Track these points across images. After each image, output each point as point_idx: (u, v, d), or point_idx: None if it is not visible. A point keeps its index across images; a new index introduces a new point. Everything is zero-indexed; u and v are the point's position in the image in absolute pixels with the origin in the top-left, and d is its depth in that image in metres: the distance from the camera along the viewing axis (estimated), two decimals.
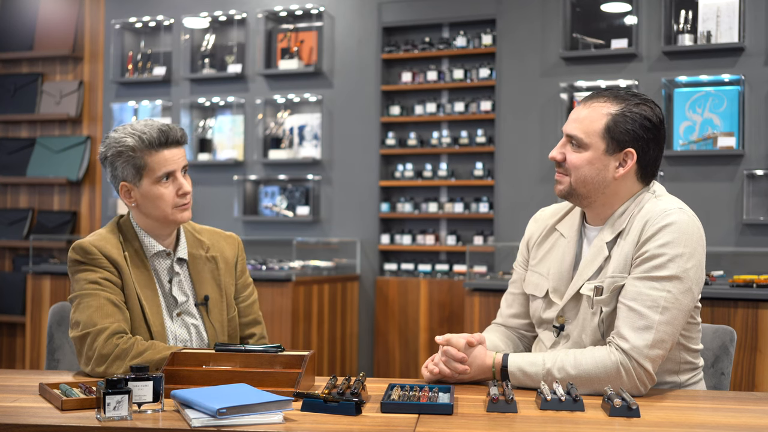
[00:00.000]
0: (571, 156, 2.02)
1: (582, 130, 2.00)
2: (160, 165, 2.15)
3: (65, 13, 6.14)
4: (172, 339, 2.19)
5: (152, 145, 2.14)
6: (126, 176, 2.17)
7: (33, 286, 5.13)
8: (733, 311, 3.55)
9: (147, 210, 2.19)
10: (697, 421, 1.64)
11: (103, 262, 2.13)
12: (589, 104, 2.03)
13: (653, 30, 4.75)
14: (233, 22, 5.76)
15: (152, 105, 5.94)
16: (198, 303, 2.24)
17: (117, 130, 2.19)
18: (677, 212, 1.94)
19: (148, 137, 2.14)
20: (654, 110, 2.01)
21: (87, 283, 2.11)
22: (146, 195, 2.17)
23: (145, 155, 2.15)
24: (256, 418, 1.57)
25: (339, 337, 5.15)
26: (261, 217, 5.61)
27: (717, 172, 4.60)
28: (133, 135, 2.15)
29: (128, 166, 2.16)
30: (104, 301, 2.08)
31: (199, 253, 2.29)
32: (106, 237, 2.19)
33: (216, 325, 2.25)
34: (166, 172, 2.16)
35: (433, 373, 1.97)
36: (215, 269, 2.29)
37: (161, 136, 2.15)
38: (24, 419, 1.60)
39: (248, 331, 2.36)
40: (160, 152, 2.15)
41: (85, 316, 2.06)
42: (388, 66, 5.45)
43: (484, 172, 5.18)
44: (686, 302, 1.91)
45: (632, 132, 1.98)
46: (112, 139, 2.18)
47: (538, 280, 2.13)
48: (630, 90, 2.07)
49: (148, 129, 2.16)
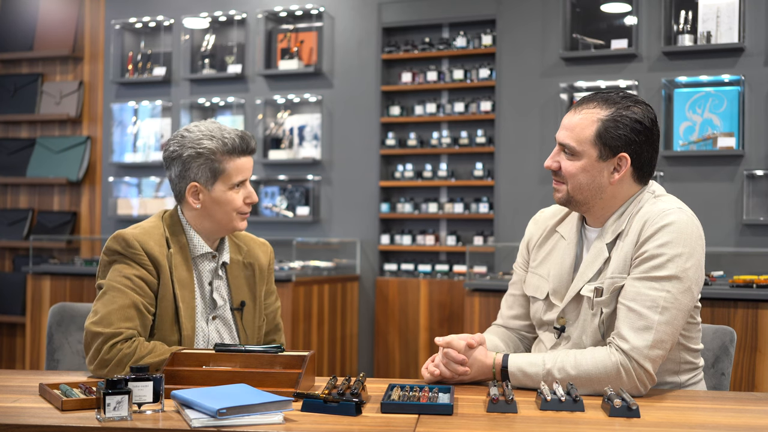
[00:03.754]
0: (566, 164, 2.01)
1: (573, 138, 1.99)
2: (237, 172, 2.15)
3: (65, 14, 6.14)
4: (203, 342, 2.18)
5: (234, 151, 2.14)
6: (199, 178, 2.15)
7: (33, 286, 5.13)
8: (733, 311, 3.55)
9: (212, 213, 2.18)
10: (697, 422, 1.64)
11: (142, 258, 2.11)
12: (579, 110, 2.02)
13: (653, 30, 4.75)
14: (233, 23, 5.76)
15: (152, 105, 5.94)
16: (234, 308, 2.24)
17: (190, 130, 2.17)
18: (676, 212, 1.94)
19: (231, 143, 2.14)
20: (645, 111, 2.00)
21: (120, 276, 2.08)
22: (216, 199, 2.16)
23: (225, 160, 2.14)
24: (256, 418, 1.57)
25: (339, 337, 5.15)
26: (261, 217, 5.61)
27: (717, 172, 4.60)
28: (212, 138, 2.14)
29: (205, 168, 2.14)
30: (129, 302, 2.06)
31: (237, 258, 2.28)
32: (150, 232, 2.16)
33: (248, 331, 2.24)
34: (242, 180, 2.17)
35: (434, 375, 1.97)
36: (251, 276, 2.29)
37: (243, 143, 2.16)
38: (24, 419, 1.60)
39: (271, 339, 2.36)
40: (239, 159, 2.16)
41: (106, 310, 2.04)
42: (388, 66, 5.45)
43: (484, 173, 5.18)
44: (686, 302, 1.91)
45: (624, 137, 1.97)
46: (188, 139, 2.15)
47: (538, 282, 2.13)
48: (622, 91, 2.04)
49: (228, 134, 2.15)
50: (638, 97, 2.04)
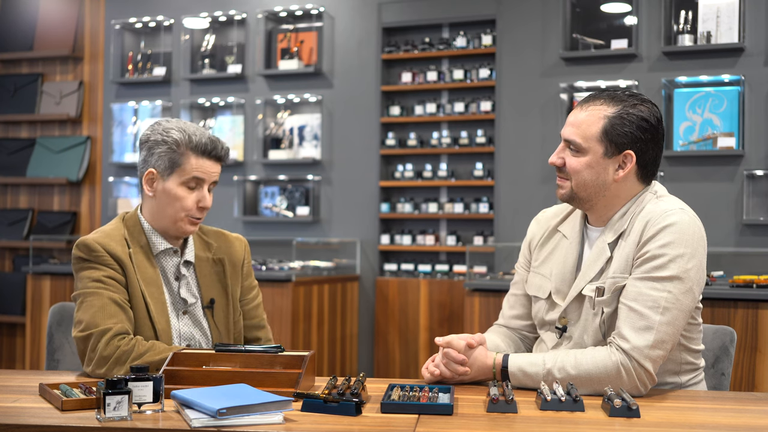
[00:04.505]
0: (570, 160, 2.01)
1: (579, 134, 2.00)
2: (193, 169, 2.15)
3: (65, 14, 6.14)
4: (177, 337, 2.18)
5: (198, 148, 2.15)
6: (158, 166, 2.16)
7: (33, 286, 5.13)
8: (733, 311, 3.55)
9: (162, 206, 2.18)
10: (697, 422, 1.64)
11: (107, 259, 2.12)
12: (585, 107, 2.02)
13: (653, 30, 4.75)
14: (233, 23, 5.76)
15: (152, 105, 5.94)
16: (204, 306, 2.24)
17: (170, 121, 2.19)
18: (678, 213, 1.94)
19: (197, 140, 2.14)
20: (651, 110, 2.00)
21: (90, 282, 2.10)
22: (167, 191, 2.16)
23: (186, 154, 2.14)
24: (256, 418, 1.57)
25: (339, 337, 5.15)
26: (261, 217, 5.61)
27: (717, 172, 4.60)
28: (183, 131, 2.15)
29: (165, 157, 2.15)
30: (107, 301, 2.07)
31: (205, 256, 2.27)
32: (110, 234, 2.18)
33: (221, 328, 2.24)
34: (196, 177, 2.15)
35: (434, 375, 1.97)
36: (221, 272, 2.28)
37: (209, 144, 2.16)
38: (24, 419, 1.60)
39: (254, 335, 2.35)
40: (202, 159, 2.16)
41: (88, 315, 2.06)
42: (388, 66, 5.45)
43: (484, 173, 5.18)
44: (687, 302, 1.91)
45: (630, 134, 1.97)
46: (161, 127, 2.17)
47: (540, 281, 2.13)
48: (627, 90, 2.06)
49: (199, 133, 2.16)
50: (644, 96, 2.04)
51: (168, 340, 2.14)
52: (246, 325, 2.33)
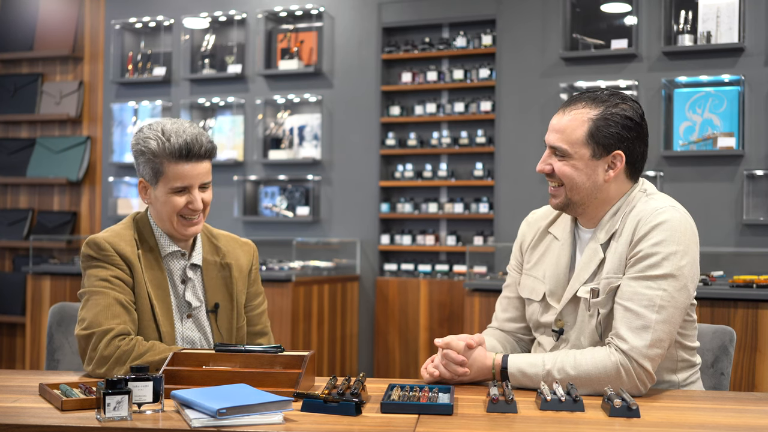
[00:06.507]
0: (558, 165, 2.01)
1: (564, 140, 1.99)
2: (176, 177, 2.11)
3: (65, 14, 6.14)
4: (181, 340, 2.18)
5: (173, 155, 2.10)
6: (145, 175, 2.16)
7: (33, 286, 5.13)
8: (733, 311, 3.55)
9: (158, 211, 2.18)
10: (697, 422, 1.64)
11: (115, 259, 2.12)
12: (568, 111, 2.01)
13: (653, 30, 4.75)
14: (233, 23, 5.76)
15: (152, 105, 5.94)
16: (208, 310, 2.23)
17: (152, 126, 2.14)
18: (669, 210, 1.94)
19: (171, 148, 2.09)
20: (634, 107, 2.00)
21: (97, 280, 2.10)
22: (159, 198, 2.15)
23: (165, 163, 2.11)
24: (256, 418, 1.57)
25: (339, 337, 5.15)
26: (261, 217, 5.61)
27: (717, 172, 4.60)
28: (159, 138, 2.10)
29: (147, 167, 2.14)
30: (112, 301, 2.07)
31: (213, 260, 2.27)
32: (120, 233, 2.18)
33: (224, 333, 2.23)
34: (181, 186, 2.13)
35: (433, 376, 1.97)
36: (228, 276, 2.27)
37: (184, 148, 2.09)
38: (24, 419, 1.60)
39: (256, 342, 2.34)
40: (180, 164, 2.11)
41: (92, 314, 2.06)
42: (388, 66, 5.45)
43: (484, 173, 5.18)
44: (682, 300, 1.91)
45: (616, 134, 1.97)
46: (142, 134, 2.14)
47: (533, 283, 2.12)
48: (607, 89, 2.05)
49: (175, 135, 2.10)
50: (624, 93, 2.04)
51: (171, 343, 2.14)
52: (249, 332, 2.33)
